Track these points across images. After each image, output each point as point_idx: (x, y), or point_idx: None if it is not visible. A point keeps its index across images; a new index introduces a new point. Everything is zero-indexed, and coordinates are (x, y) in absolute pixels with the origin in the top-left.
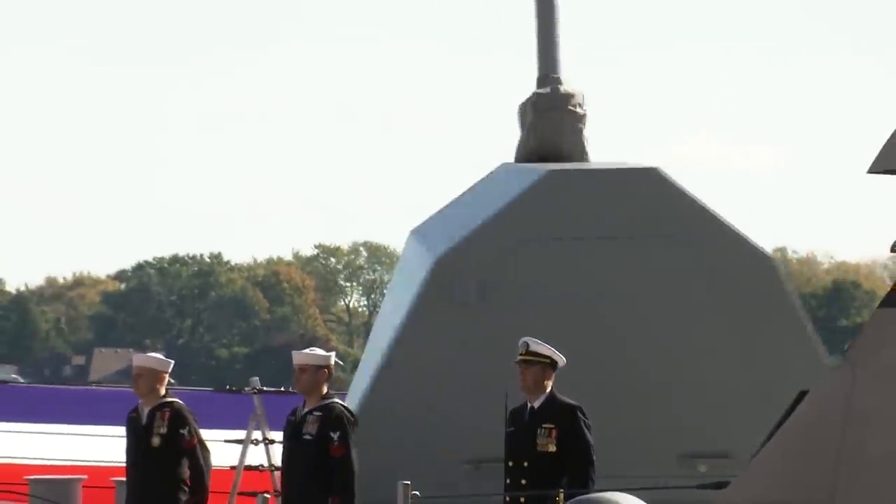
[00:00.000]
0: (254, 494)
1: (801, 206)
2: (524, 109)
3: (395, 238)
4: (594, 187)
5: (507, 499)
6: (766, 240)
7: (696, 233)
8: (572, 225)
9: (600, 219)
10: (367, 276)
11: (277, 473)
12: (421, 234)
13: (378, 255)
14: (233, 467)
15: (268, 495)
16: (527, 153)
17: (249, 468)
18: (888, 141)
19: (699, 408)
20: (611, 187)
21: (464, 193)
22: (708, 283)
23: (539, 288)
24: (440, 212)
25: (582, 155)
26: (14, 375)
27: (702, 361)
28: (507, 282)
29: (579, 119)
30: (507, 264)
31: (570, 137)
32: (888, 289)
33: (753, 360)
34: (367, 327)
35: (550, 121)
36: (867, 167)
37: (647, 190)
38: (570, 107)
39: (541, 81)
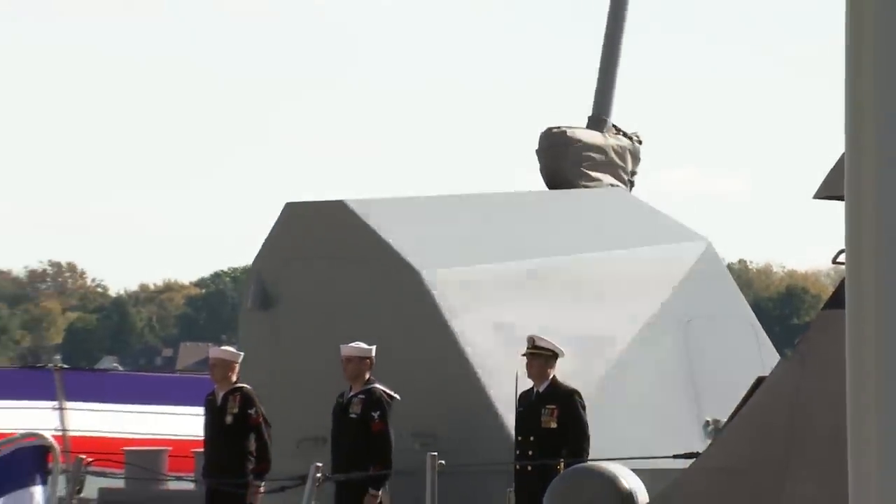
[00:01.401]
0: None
1: (759, 225)
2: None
3: None
4: (310, 217)
5: (518, 466)
6: (730, 252)
7: (363, 255)
8: (305, 248)
9: (321, 243)
10: None
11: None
12: None
13: None
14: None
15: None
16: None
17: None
18: (829, 172)
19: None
20: (314, 217)
21: None
22: (374, 297)
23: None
24: None
25: (579, 182)
26: (115, 364)
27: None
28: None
29: (578, 154)
30: (279, 278)
31: (570, 168)
32: (830, 294)
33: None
34: None
35: (551, 155)
36: (813, 193)
37: (339, 221)
38: (572, 145)
39: (592, 121)
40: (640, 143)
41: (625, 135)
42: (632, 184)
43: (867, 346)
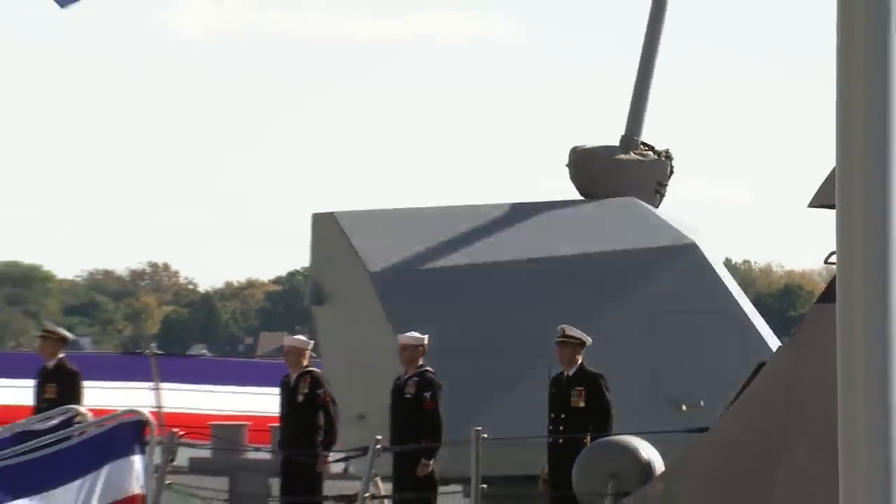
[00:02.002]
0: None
1: (761, 230)
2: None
3: None
4: (325, 226)
5: (551, 440)
6: (736, 254)
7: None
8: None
9: (336, 248)
10: None
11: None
12: None
13: None
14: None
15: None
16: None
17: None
18: (822, 184)
19: None
20: (327, 226)
21: None
22: None
23: None
24: None
25: (602, 193)
26: (203, 351)
27: None
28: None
29: (600, 169)
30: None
31: (594, 181)
32: (822, 290)
33: None
34: None
35: (575, 170)
36: (808, 202)
37: (333, 230)
38: (594, 161)
39: (624, 139)
40: (668, 158)
41: (654, 151)
42: (660, 194)
43: (855, 336)
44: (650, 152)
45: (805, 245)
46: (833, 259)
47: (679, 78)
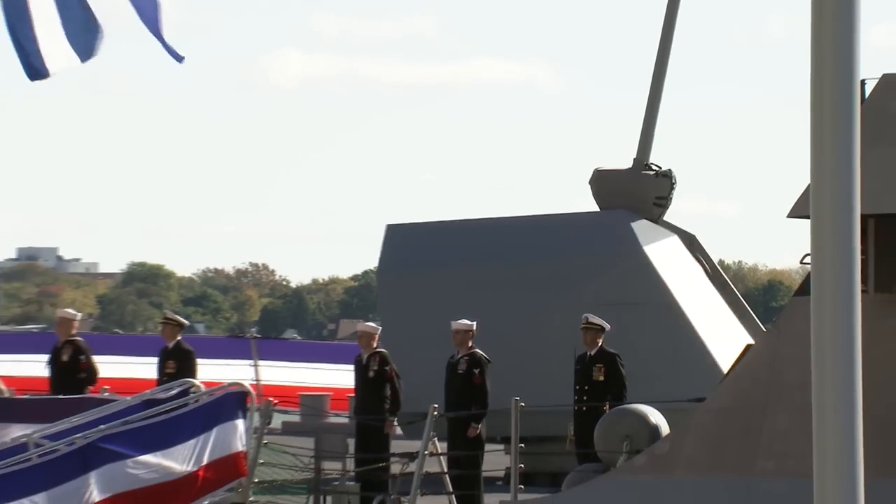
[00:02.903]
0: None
1: (750, 236)
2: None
3: None
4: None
5: (576, 408)
6: (728, 256)
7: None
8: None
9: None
10: None
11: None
12: None
13: None
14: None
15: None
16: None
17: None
18: (799, 198)
19: None
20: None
21: None
22: None
23: None
24: None
25: (613, 206)
26: (294, 335)
27: None
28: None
29: (610, 187)
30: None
31: (606, 197)
32: (798, 285)
33: None
34: None
35: (594, 187)
36: (787, 213)
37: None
38: (607, 180)
39: (636, 164)
40: (666, 176)
41: (657, 172)
42: (660, 206)
43: (825, 322)
44: (652, 172)
45: (784, 248)
46: (807, 260)
47: (683, 113)
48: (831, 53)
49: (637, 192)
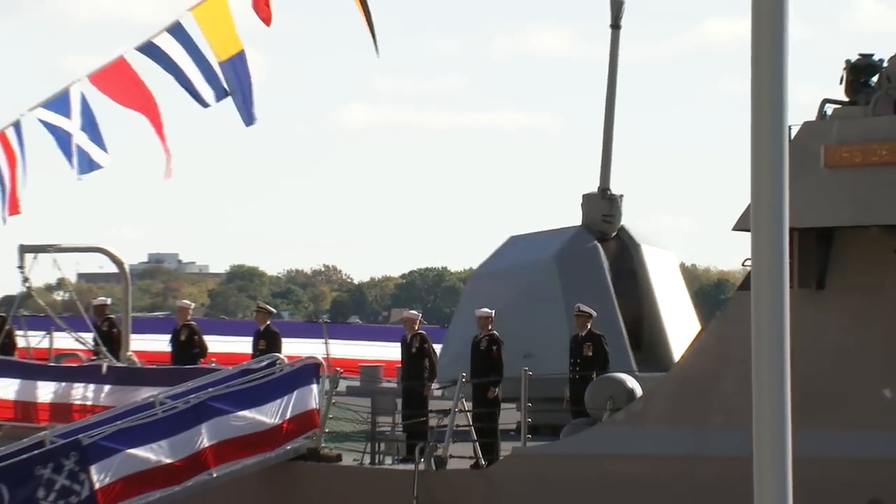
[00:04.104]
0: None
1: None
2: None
3: None
4: None
5: (570, 376)
6: (688, 260)
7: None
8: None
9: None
10: None
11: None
12: None
13: None
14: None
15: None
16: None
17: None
18: (741, 215)
19: None
20: None
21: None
22: None
23: None
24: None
25: (609, 230)
26: (356, 320)
27: None
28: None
29: (584, 209)
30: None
31: (614, 223)
32: (741, 282)
33: None
34: None
35: (590, 209)
36: (732, 227)
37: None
38: (582, 205)
39: (602, 192)
40: (610, 199)
41: (610, 197)
42: (606, 222)
43: (762, 310)
44: (606, 197)
45: (731, 254)
46: (748, 263)
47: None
48: (767, 108)
49: (595, 211)
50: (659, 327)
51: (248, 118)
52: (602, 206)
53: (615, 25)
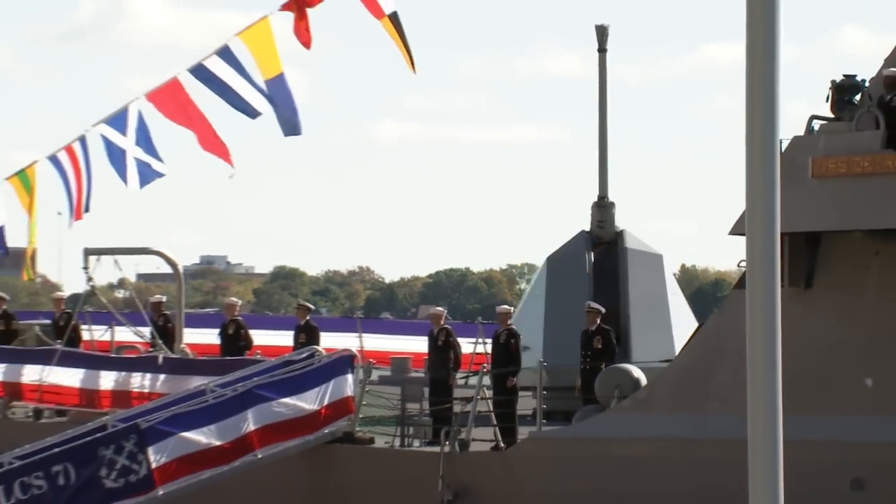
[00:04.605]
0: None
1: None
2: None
3: None
4: None
5: (582, 366)
6: (689, 261)
7: None
8: None
9: None
10: None
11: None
12: None
13: None
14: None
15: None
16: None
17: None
18: (737, 220)
19: None
20: None
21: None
22: None
23: None
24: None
25: (603, 234)
26: (388, 316)
27: None
28: None
29: (601, 217)
30: None
31: (607, 228)
32: (736, 281)
33: None
34: None
35: (599, 219)
36: (729, 231)
37: None
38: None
39: (600, 200)
40: (603, 207)
41: (603, 205)
42: (601, 227)
43: (756, 307)
44: (602, 205)
45: (728, 255)
46: (743, 264)
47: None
48: (760, 123)
49: (595, 218)
50: (626, 323)
51: (292, 129)
52: (597, 213)
53: (601, 49)
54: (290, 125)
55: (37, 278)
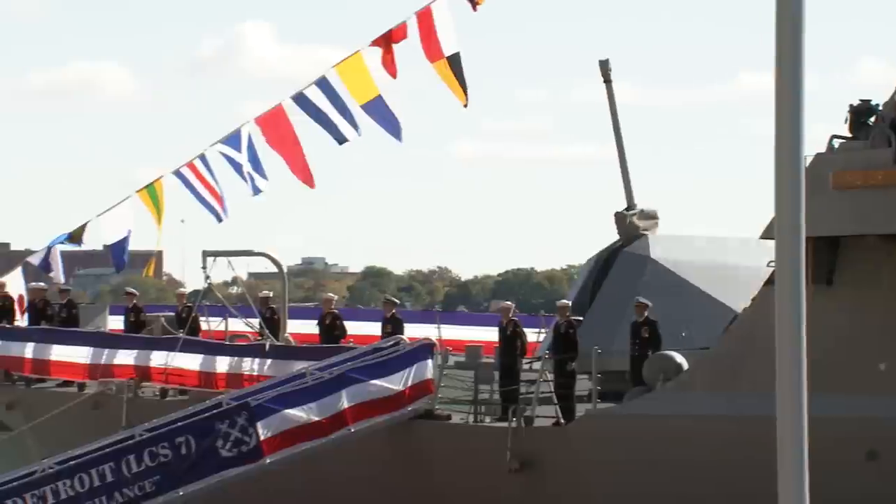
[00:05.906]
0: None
1: None
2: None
3: None
4: None
5: (631, 353)
6: None
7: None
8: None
9: None
10: None
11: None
12: None
13: None
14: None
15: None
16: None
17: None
18: (767, 225)
19: None
20: None
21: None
22: None
23: None
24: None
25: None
26: (463, 309)
27: None
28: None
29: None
30: None
31: (634, 234)
32: (766, 279)
33: None
34: None
35: (624, 226)
36: (759, 235)
37: None
38: (635, 221)
39: (628, 207)
40: (633, 213)
41: (639, 213)
42: (641, 235)
43: (783, 303)
44: (637, 213)
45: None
46: (772, 264)
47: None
48: (787, 142)
49: (629, 228)
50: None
51: (396, 135)
52: (621, 222)
53: (607, 81)
54: (397, 132)
55: (163, 277)
